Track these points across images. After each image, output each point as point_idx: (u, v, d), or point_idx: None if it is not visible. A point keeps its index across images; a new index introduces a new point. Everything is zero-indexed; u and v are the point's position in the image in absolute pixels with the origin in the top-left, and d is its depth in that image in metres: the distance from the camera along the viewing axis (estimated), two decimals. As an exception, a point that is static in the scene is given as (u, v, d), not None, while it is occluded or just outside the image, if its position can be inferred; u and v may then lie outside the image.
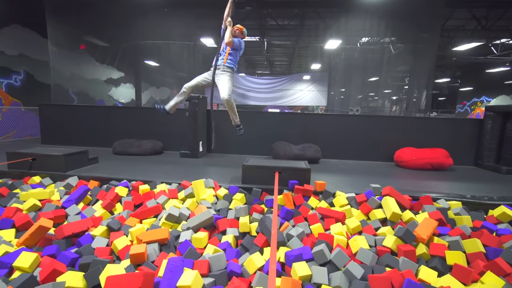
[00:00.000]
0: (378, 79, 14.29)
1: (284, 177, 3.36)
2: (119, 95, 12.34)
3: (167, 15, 8.91)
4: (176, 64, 12.51)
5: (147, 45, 11.17)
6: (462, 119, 8.76)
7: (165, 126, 5.93)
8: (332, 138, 5.68)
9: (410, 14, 8.12)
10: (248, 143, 5.75)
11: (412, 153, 4.98)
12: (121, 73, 12.29)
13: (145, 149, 5.38)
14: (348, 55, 12.49)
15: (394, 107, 23.34)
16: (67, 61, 8.68)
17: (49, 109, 6.49)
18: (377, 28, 9.34)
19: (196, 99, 5.24)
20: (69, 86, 9.16)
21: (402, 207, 2.88)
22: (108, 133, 5.98)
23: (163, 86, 16.14)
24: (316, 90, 16.92)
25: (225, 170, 4.31)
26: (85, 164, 4.17)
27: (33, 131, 7.71)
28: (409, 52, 9.80)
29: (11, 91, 7.48)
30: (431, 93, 9.82)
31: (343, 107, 16.49)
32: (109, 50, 10.69)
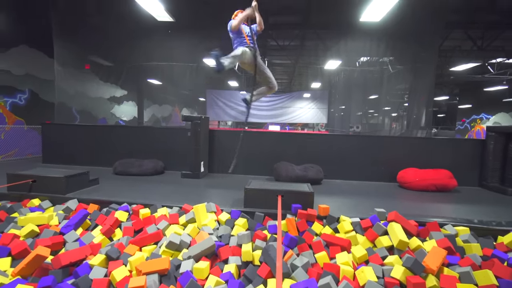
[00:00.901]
0: (377, 97, 14.48)
1: (287, 200, 3.31)
2: (121, 112, 12.45)
3: (170, 37, 9.16)
4: (178, 83, 12.72)
5: (151, 66, 11.41)
6: (464, 139, 8.76)
7: (166, 146, 5.94)
8: (333, 158, 5.65)
9: (408, 35, 8.32)
10: (250, 163, 5.72)
11: (415, 174, 4.93)
12: (124, 91, 12.47)
13: (146, 169, 5.35)
14: (348, 74, 12.71)
15: (394, 124, 23.49)
16: (72, 80, 8.84)
17: (51, 128, 6.52)
18: (376, 48, 9.55)
19: (198, 119, 5.26)
20: (72, 104, 9.28)
21: (408, 233, 2.81)
22: (110, 152, 5.97)
23: (165, 104, 16.34)
24: (316, 108, 17.09)
25: (227, 192, 4.26)
26: (85, 186, 4.13)
27: (34, 149, 7.72)
28: (408, 71, 9.97)
29: (15, 109, 7.56)
30: (431, 110, 9.90)
31: (343, 124, 16.60)
32: (113, 69, 10.92)
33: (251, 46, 3.72)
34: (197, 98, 18.26)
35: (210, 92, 16.49)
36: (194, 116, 5.28)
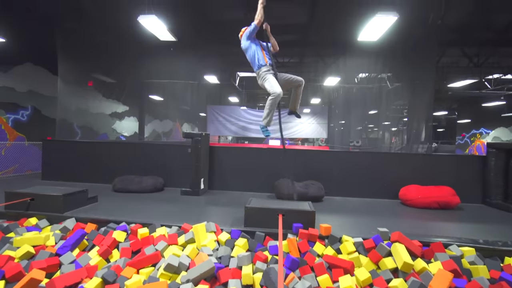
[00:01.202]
0: (377, 112, 14.60)
1: (288, 219, 3.26)
2: (122, 128, 12.52)
3: (172, 55, 9.37)
4: (180, 99, 12.88)
5: (153, 83, 11.60)
6: (465, 155, 8.77)
7: (166, 162, 5.92)
8: (334, 174, 5.61)
9: (405, 53, 8.50)
10: (250, 180, 5.69)
11: (417, 191, 4.88)
12: (125, 107, 12.61)
13: (145, 186, 5.30)
14: (347, 90, 12.88)
15: (394, 138, 23.54)
16: (75, 96, 8.97)
17: (51, 144, 6.53)
18: (374, 65, 9.73)
19: (199, 136, 5.28)
20: (74, 120, 9.35)
21: (412, 254, 2.74)
22: (109, 169, 5.94)
23: (166, 119, 16.46)
24: (316, 123, 17.18)
25: (227, 209, 4.20)
26: (84, 204, 4.08)
27: (34, 165, 7.70)
28: (406, 87, 10.10)
29: (17, 125, 7.62)
30: (431, 125, 9.96)
31: (343, 138, 16.64)
32: (116, 86, 11.09)
33: (270, 66, 3.75)
34: (198, 113, 18.43)
35: (210, 107, 16.67)
36: (194, 133, 5.31)
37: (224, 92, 17.28)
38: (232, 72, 12.87)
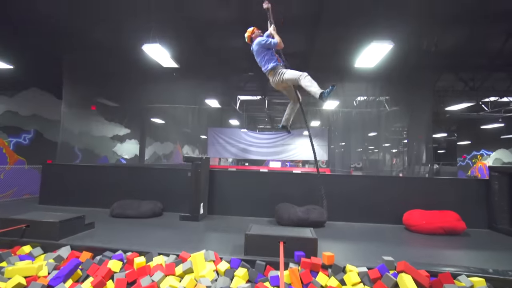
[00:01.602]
0: (376, 134, 14.70)
1: (289, 247, 3.16)
2: (123, 151, 12.56)
3: (174, 80, 9.62)
4: (181, 122, 13.03)
5: (155, 107, 11.81)
6: (468, 179, 8.68)
7: (166, 186, 5.86)
8: (336, 198, 5.51)
9: (402, 78, 8.72)
10: (250, 204, 5.60)
11: (421, 216, 4.77)
12: (127, 130, 12.73)
13: (144, 211, 5.21)
14: (346, 114, 13.05)
15: (395, 160, 23.47)
16: (77, 120, 9.09)
17: (51, 168, 6.51)
18: (372, 89, 9.94)
19: (199, 160, 5.27)
20: (75, 143, 9.41)
21: (420, 285, 2.62)
22: (108, 193, 5.86)
23: (167, 141, 16.55)
24: (316, 145, 17.21)
25: (226, 236, 4.09)
26: (80, 230, 3.98)
27: (32, 189, 7.62)
28: (404, 111, 10.25)
29: (18, 149, 7.65)
30: (431, 146, 9.96)
31: (344, 160, 16.60)
32: (119, 110, 11.28)
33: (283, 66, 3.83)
34: (199, 135, 18.55)
35: (211, 130, 16.80)
36: (195, 157, 5.30)
37: (225, 115, 17.53)
38: (233, 96, 13.13)
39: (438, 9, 6.07)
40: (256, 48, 3.75)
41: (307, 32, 7.30)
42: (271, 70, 3.65)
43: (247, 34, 3.99)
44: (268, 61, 3.69)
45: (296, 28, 7.19)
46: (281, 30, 7.28)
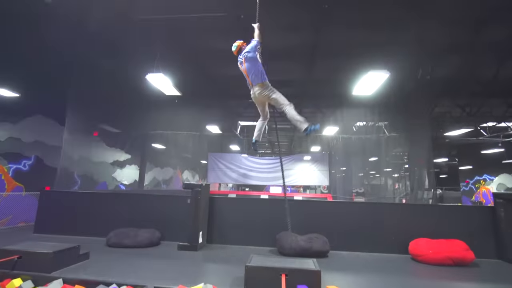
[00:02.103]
0: (377, 159, 14.67)
1: (291, 280, 3.02)
2: (122, 176, 12.47)
3: (176, 107, 9.82)
4: (182, 148, 13.09)
5: (156, 133, 11.94)
6: (473, 206, 8.55)
7: (164, 213, 5.74)
8: (338, 227, 5.38)
9: (400, 104, 8.88)
10: (250, 232, 5.45)
11: (428, 245, 4.61)
12: (128, 155, 12.74)
13: (141, 241, 5.05)
14: (346, 139, 13.13)
15: (396, 184, 23.19)
16: (79, 145, 9.14)
17: (49, 195, 6.43)
18: (371, 116, 10.09)
19: (199, 186, 5.22)
20: (75, 169, 9.36)
21: (431, 323, 2.46)
22: (105, 220, 5.73)
23: (167, 167, 16.50)
24: (317, 170, 17.10)
25: (226, 267, 3.94)
26: (74, 262, 3.84)
27: (28, 216, 7.45)
28: (404, 137, 10.31)
29: (18, 175, 7.59)
30: (432, 171, 9.88)
31: (345, 185, 16.40)
32: (121, 135, 11.38)
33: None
34: (199, 161, 18.53)
35: (211, 155, 16.80)
36: (194, 184, 5.25)
37: (225, 141, 17.64)
38: (233, 121, 13.31)
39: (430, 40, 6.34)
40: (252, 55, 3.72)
41: (305, 61, 7.57)
42: (263, 83, 3.68)
43: (238, 44, 3.90)
44: (263, 74, 3.77)
45: (294, 57, 7.48)
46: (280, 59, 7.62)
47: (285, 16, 5.81)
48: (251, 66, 3.66)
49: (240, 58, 3.81)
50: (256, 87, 3.67)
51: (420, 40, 6.24)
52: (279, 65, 7.92)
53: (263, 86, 3.68)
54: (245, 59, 3.69)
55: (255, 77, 3.67)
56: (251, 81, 3.69)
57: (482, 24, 5.88)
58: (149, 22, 5.69)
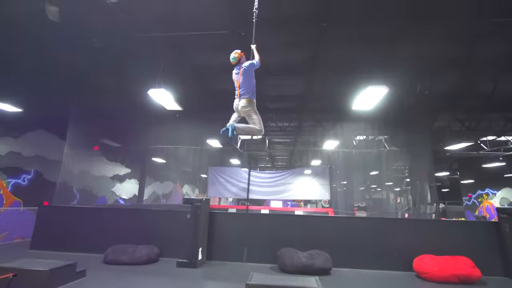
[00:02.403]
0: (378, 173, 14.59)
1: (293, 300, 2.93)
2: (122, 190, 12.37)
3: (177, 122, 9.88)
4: (182, 162, 13.06)
5: (157, 147, 11.95)
6: (477, 222, 8.45)
7: (163, 229, 5.65)
8: (341, 243, 5.28)
9: (399, 119, 8.93)
10: (251, 248, 5.34)
11: (432, 262, 4.51)
12: (128, 170, 12.69)
13: (139, 257, 4.95)
14: (346, 153, 13.12)
15: (398, 199, 22.92)
16: (79, 160, 9.12)
17: (47, 210, 6.36)
18: (371, 130, 10.12)
19: (199, 201, 5.16)
20: (74, 183, 9.30)
21: None
22: (103, 236, 5.64)
23: (167, 181, 16.39)
24: (318, 184, 16.98)
25: (226, 286, 3.84)
26: (71, 279, 3.75)
27: (25, 232, 7.33)
28: (404, 151, 10.30)
29: (16, 190, 7.54)
30: (434, 185, 9.80)
31: (347, 199, 16.19)
32: (121, 150, 11.38)
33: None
34: (199, 175, 18.44)
35: (212, 169, 16.74)
36: (194, 199, 5.21)
37: (226, 155, 17.63)
38: (234, 136, 13.36)
39: (428, 56, 6.47)
40: (250, 72, 3.83)
41: (305, 76, 7.70)
42: (251, 100, 3.77)
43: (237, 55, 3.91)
44: (254, 92, 3.88)
45: (294, 73, 7.60)
46: (280, 74, 7.75)
47: (284, 33, 5.96)
48: (246, 81, 3.76)
49: (237, 69, 3.87)
50: (243, 100, 3.76)
51: (418, 56, 6.36)
52: (279, 80, 8.05)
53: (250, 103, 3.77)
54: (242, 72, 3.78)
55: (246, 91, 3.76)
56: (240, 94, 3.77)
57: (478, 40, 6.02)
58: (152, 39, 5.84)
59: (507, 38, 5.73)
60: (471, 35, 5.88)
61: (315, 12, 5.17)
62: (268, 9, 3.99)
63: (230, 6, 4.96)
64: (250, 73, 3.80)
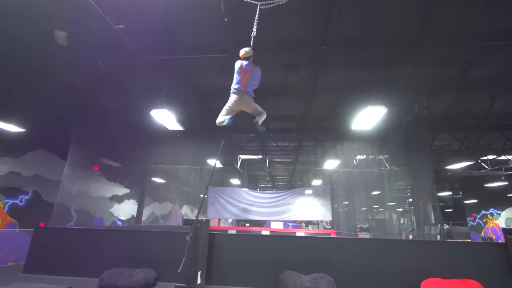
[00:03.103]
0: (380, 192, 14.42)
1: (297, 327, 2.79)
2: (120, 211, 12.17)
3: (178, 141, 9.93)
4: (182, 182, 12.96)
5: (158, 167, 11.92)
6: (484, 243, 8.23)
7: (161, 251, 5.50)
8: (344, 265, 5.11)
9: (399, 138, 8.99)
10: (252, 272, 5.16)
11: (440, 286, 4.34)
12: (126, 190, 12.56)
13: (136, 282, 4.77)
14: (347, 172, 13.07)
15: (402, 219, 22.45)
16: (78, 180, 9.05)
17: (43, 232, 6.21)
18: (372, 149, 10.14)
19: (199, 222, 5.06)
20: (72, 204, 9.17)
21: None
22: (100, 259, 5.48)
23: (166, 201, 16.17)
24: (319, 204, 16.72)
25: (226, 312, 3.65)
26: (63, 306, 3.58)
27: (19, 255, 7.11)
28: (405, 170, 10.26)
29: (13, 210, 7.41)
30: (437, 205, 9.65)
31: (349, 220, 15.87)
32: (121, 170, 11.34)
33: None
34: (199, 195, 18.21)
35: (212, 189, 16.55)
36: (194, 219, 5.10)
37: (226, 175, 17.53)
38: (234, 155, 13.36)
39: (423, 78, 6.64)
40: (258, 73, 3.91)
41: (304, 97, 7.85)
42: (252, 97, 3.87)
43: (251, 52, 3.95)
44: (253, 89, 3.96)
45: (294, 94, 7.76)
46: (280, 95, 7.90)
47: (284, 55, 6.16)
48: (250, 81, 3.82)
49: (246, 65, 3.84)
50: (247, 96, 3.78)
51: (414, 78, 6.52)
52: (279, 101, 8.20)
53: (251, 99, 3.84)
54: (252, 72, 3.83)
55: (250, 90, 3.81)
56: (244, 89, 3.77)
57: (470, 63, 6.22)
58: (155, 61, 6.02)
59: (497, 60, 5.92)
60: (464, 57, 6.09)
61: (314, 37, 5.38)
62: (268, 34, 4.14)
63: (232, 30, 5.16)
64: (258, 76, 3.91)
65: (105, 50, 5.70)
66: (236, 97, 3.75)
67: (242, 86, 3.75)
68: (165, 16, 5.12)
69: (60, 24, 5.16)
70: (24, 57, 5.90)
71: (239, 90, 3.75)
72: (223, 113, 3.79)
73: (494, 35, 5.30)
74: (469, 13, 4.90)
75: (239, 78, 3.76)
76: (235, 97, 3.75)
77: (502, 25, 5.16)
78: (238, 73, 3.79)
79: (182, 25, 5.30)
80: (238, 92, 3.74)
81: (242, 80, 3.76)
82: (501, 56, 5.75)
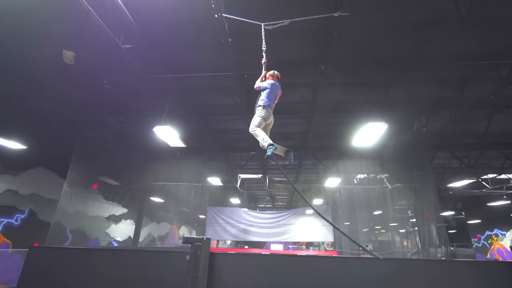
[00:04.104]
0: (382, 212, 14.21)
1: None
2: (116, 232, 11.86)
3: (178, 159, 9.92)
4: (181, 201, 12.79)
5: (157, 185, 11.81)
6: (491, 261, 8.01)
7: (159, 272, 5.28)
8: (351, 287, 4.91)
9: (400, 155, 9.01)
10: (255, 295, 4.93)
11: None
12: (124, 210, 12.33)
13: (132, 305, 4.55)
14: (349, 191, 12.96)
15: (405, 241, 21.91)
16: (76, 199, 8.91)
17: (37, 252, 5.99)
18: (372, 167, 10.13)
19: (199, 241, 4.92)
20: (68, 223, 8.96)
21: None
22: (94, 283, 5.24)
23: (163, 222, 15.83)
24: (320, 225, 16.39)
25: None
26: (55, 330, 3.38)
27: (10, 277, 6.84)
28: (407, 188, 10.19)
29: (7, 230, 7.23)
30: (441, 225, 9.49)
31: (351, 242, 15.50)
32: (120, 188, 11.20)
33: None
34: (197, 215, 17.88)
35: (210, 209, 16.27)
36: (195, 238, 4.98)
37: (226, 194, 17.32)
38: (234, 174, 13.29)
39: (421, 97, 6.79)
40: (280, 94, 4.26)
41: (304, 115, 7.96)
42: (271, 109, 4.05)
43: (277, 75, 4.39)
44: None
45: (294, 112, 7.87)
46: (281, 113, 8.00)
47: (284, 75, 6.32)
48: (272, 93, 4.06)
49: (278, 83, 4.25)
50: (269, 110, 3.96)
51: (411, 97, 6.67)
52: (279, 119, 8.28)
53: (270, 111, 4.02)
54: (279, 90, 4.21)
55: (273, 102, 4.05)
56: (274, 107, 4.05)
57: (466, 82, 6.40)
58: (160, 79, 6.16)
59: (493, 79, 6.09)
60: (460, 76, 6.26)
61: (314, 57, 5.57)
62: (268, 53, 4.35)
63: (235, 51, 5.34)
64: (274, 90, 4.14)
65: (111, 68, 5.85)
66: (269, 112, 3.93)
67: (274, 104, 4.03)
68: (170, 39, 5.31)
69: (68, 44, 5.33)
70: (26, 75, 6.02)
71: (271, 107, 3.97)
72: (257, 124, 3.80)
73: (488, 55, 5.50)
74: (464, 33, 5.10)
75: (272, 96, 4.02)
76: (267, 111, 3.91)
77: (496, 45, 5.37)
78: (273, 92, 4.05)
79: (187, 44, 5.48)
80: (269, 108, 3.93)
81: (275, 99, 4.08)
82: (496, 76, 5.93)
